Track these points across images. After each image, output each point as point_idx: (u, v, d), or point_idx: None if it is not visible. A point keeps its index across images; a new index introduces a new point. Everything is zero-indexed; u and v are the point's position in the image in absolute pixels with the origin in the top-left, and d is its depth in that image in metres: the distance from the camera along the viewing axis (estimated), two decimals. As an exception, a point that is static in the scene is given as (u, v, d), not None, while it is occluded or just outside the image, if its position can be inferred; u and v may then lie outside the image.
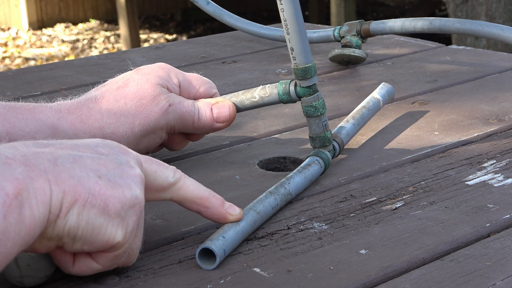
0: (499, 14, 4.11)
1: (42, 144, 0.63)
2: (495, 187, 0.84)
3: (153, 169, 0.68)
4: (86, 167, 0.62)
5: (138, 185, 0.65)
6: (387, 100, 1.04)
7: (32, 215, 0.58)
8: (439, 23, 1.23)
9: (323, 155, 0.87)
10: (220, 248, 0.68)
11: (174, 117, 0.88)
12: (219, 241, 0.69)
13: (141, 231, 0.67)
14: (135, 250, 0.67)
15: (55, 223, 0.60)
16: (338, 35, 1.34)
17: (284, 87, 0.89)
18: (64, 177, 0.61)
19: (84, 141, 0.67)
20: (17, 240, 0.57)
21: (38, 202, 0.58)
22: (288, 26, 0.83)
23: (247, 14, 8.07)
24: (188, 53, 1.46)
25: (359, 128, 0.97)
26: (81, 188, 0.61)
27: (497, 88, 1.19)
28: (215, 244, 0.68)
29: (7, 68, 6.59)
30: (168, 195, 0.70)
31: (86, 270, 0.65)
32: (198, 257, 0.69)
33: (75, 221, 0.61)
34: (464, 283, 0.65)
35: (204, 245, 0.68)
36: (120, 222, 0.63)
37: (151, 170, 0.68)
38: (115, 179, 0.63)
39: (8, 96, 1.20)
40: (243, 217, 0.72)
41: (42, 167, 0.60)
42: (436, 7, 6.97)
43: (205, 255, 0.69)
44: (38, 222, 0.58)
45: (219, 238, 0.69)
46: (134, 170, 0.65)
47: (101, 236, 0.62)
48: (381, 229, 0.75)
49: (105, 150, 0.66)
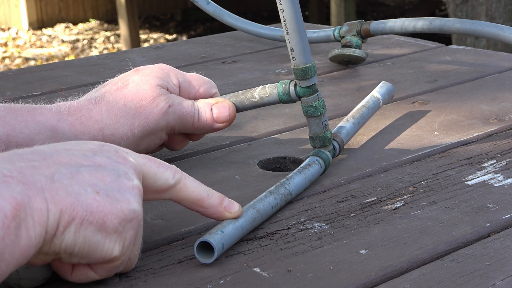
0: (499, 14, 4.11)
1: (39, 154, 0.62)
2: (495, 187, 0.84)
3: (152, 172, 0.68)
4: (83, 183, 0.62)
5: (136, 198, 0.64)
6: (387, 99, 1.04)
7: (28, 236, 0.57)
8: (439, 23, 1.23)
9: (323, 155, 0.87)
10: (219, 242, 0.69)
11: (174, 118, 0.88)
12: (217, 235, 0.69)
13: (139, 240, 0.66)
14: (134, 258, 0.67)
15: (51, 241, 0.59)
16: (338, 35, 1.34)
17: (284, 87, 0.89)
18: (61, 195, 0.60)
19: (81, 147, 0.66)
20: (11, 261, 0.56)
21: (35, 223, 0.57)
22: (288, 26, 0.83)
23: (247, 14, 8.07)
24: (188, 53, 1.47)
25: (359, 127, 0.97)
26: (79, 206, 0.60)
27: (497, 88, 1.19)
28: (214, 238, 0.69)
29: (7, 68, 6.59)
30: (168, 196, 0.70)
31: (84, 279, 0.65)
32: (196, 252, 0.69)
33: (72, 239, 0.60)
34: (464, 283, 0.65)
35: (203, 239, 0.69)
36: (117, 237, 0.62)
37: (151, 173, 0.68)
38: (113, 194, 0.63)
39: (8, 96, 1.20)
40: (242, 213, 0.73)
41: (39, 184, 0.59)
42: (436, 7, 6.97)
43: (203, 249, 0.69)
44: (33, 243, 0.58)
45: (217, 232, 0.69)
46: (132, 181, 0.65)
47: (99, 252, 0.62)
48: (381, 229, 0.75)
49: (103, 160, 0.65)
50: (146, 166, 0.68)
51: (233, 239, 0.71)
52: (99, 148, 0.66)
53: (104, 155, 0.65)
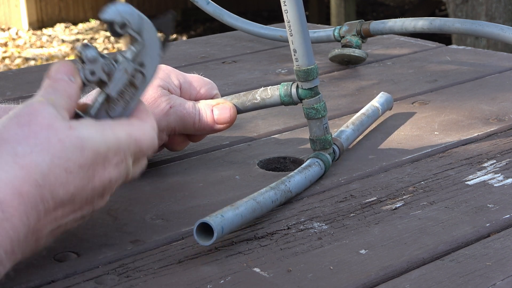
0: (499, 14, 4.11)
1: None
2: (495, 187, 0.84)
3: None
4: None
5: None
6: (385, 108, 1.05)
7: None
8: (439, 23, 1.23)
9: (323, 157, 0.87)
10: (218, 225, 0.69)
11: (174, 119, 0.88)
12: (217, 218, 0.70)
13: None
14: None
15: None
16: (338, 35, 1.34)
17: (286, 89, 0.89)
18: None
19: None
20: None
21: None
22: (292, 27, 0.83)
23: (247, 14, 8.07)
24: (188, 53, 1.47)
25: (359, 134, 0.98)
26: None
27: (497, 88, 1.19)
28: (214, 220, 0.69)
29: (7, 68, 6.59)
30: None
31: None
32: (196, 234, 0.69)
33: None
34: (464, 283, 0.65)
35: (203, 220, 0.69)
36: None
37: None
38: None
39: (8, 96, 1.20)
40: (242, 202, 0.73)
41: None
42: (436, 7, 6.97)
43: (203, 232, 0.70)
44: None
45: (217, 215, 0.70)
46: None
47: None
48: (381, 229, 0.75)
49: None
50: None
51: (233, 225, 0.71)
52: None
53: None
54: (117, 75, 0.71)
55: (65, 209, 0.65)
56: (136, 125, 0.71)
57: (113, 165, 0.68)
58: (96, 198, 0.67)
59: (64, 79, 0.69)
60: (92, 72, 0.70)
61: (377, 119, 1.03)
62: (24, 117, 0.65)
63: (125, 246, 0.72)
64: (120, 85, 0.71)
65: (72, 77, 0.69)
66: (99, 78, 0.71)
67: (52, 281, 0.67)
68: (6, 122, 0.65)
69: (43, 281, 0.66)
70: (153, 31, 0.73)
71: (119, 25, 0.71)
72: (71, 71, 0.70)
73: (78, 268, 0.69)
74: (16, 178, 0.61)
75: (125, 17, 0.71)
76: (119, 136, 0.68)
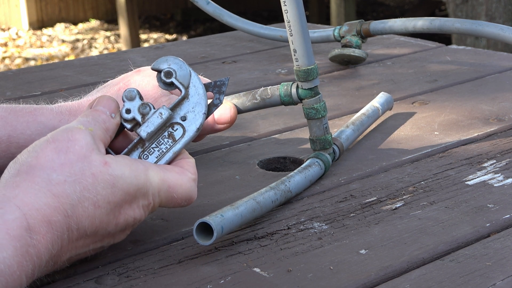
0: (499, 14, 4.11)
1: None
2: (495, 187, 0.84)
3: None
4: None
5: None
6: (385, 108, 1.05)
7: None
8: (439, 23, 1.23)
9: (323, 157, 0.87)
10: (218, 224, 0.69)
11: (175, 119, 0.88)
12: (217, 218, 0.70)
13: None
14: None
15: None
16: (338, 35, 1.34)
17: (286, 89, 0.89)
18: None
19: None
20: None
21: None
22: (292, 27, 0.83)
23: (247, 14, 8.07)
24: (188, 53, 1.47)
25: (359, 134, 0.98)
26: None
27: (497, 88, 1.19)
28: (214, 220, 0.69)
29: (7, 68, 6.59)
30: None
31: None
32: (195, 234, 0.69)
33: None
34: (464, 283, 0.65)
35: (203, 220, 0.69)
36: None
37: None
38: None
39: (8, 96, 1.20)
40: (242, 202, 0.73)
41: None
42: (436, 7, 6.97)
43: (202, 232, 0.70)
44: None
45: (217, 215, 0.70)
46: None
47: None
48: (381, 229, 0.75)
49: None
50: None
51: (233, 225, 0.71)
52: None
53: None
54: (151, 117, 0.72)
55: (87, 240, 0.66)
56: (173, 172, 0.72)
57: (140, 206, 0.69)
58: (117, 233, 0.69)
59: (106, 113, 0.71)
60: (128, 110, 0.72)
61: (377, 119, 1.03)
62: (62, 143, 0.66)
63: (125, 246, 0.72)
64: (152, 128, 0.72)
65: (113, 114, 0.71)
66: (133, 117, 0.72)
67: (52, 281, 0.67)
68: (44, 145, 0.66)
69: (43, 281, 0.66)
70: (201, 88, 0.75)
71: (165, 73, 0.74)
72: (114, 108, 0.72)
73: (78, 268, 0.69)
74: (47, 206, 0.62)
75: (171, 67, 0.74)
76: (151, 180, 0.69)
